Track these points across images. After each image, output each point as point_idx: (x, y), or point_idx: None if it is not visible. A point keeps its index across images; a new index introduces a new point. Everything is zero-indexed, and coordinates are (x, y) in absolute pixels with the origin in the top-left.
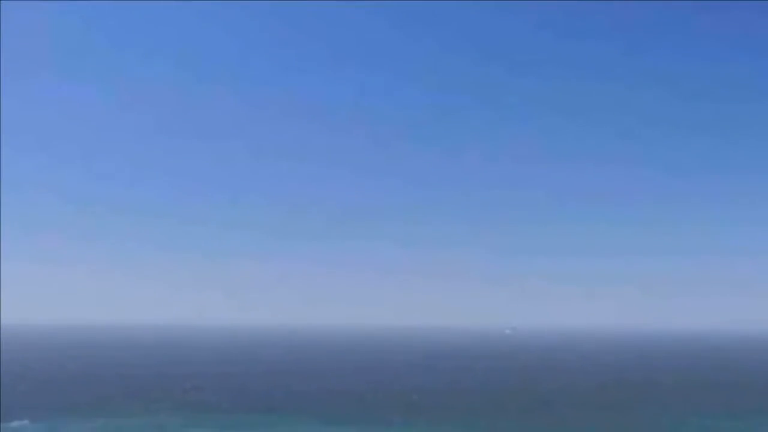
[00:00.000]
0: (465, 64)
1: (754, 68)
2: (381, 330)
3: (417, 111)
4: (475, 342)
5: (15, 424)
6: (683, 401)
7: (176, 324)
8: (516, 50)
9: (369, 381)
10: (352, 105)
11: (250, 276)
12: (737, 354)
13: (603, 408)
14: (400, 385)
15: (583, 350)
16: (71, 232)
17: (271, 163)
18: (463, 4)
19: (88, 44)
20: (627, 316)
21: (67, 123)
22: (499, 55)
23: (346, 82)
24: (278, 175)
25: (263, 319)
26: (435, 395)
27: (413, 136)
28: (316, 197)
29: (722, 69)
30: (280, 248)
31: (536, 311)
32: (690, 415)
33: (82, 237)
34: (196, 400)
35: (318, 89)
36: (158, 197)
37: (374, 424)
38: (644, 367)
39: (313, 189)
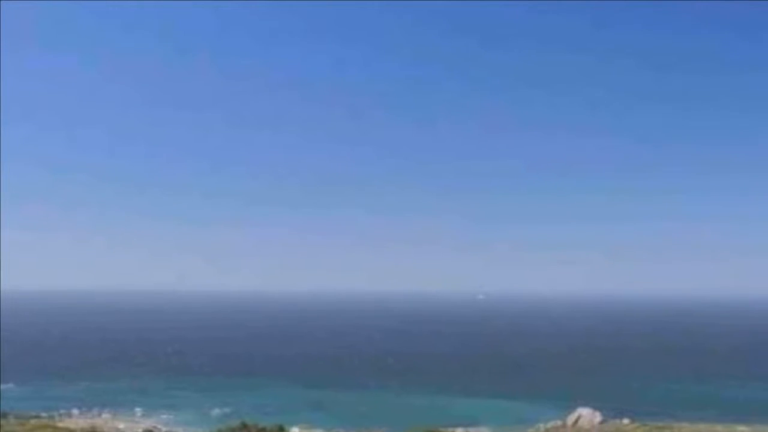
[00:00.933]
0: (437, 38)
1: (719, 41)
2: (356, 295)
3: (391, 82)
4: (447, 307)
5: (1, 387)
6: (650, 365)
7: (158, 290)
8: (487, 23)
9: (345, 345)
10: (329, 76)
11: (230, 242)
12: (703, 319)
13: (572, 372)
14: (375, 349)
15: (553, 316)
16: (55, 200)
17: (249, 133)
18: None
19: (71, 17)
20: (595, 281)
21: (50, 94)
22: (470, 29)
23: (323, 55)
24: (256, 145)
25: (243, 284)
26: (409, 359)
27: (387, 107)
28: (294, 166)
29: (688, 41)
30: (259, 215)
31: (507, 277)
32: (657, 379)
33: (65, 205)
34: (178, 363)
35: (295, 61)
36: (140, 166)
37: (350, 387)
38: (612, 332)
39: (291, 158)
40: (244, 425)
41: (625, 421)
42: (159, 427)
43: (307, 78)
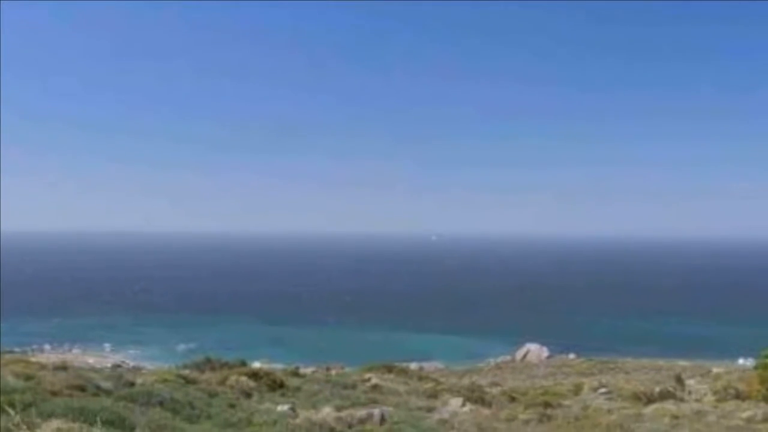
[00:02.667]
0: None
1: None
2: (316, 236)
3: (348, 33)
4: (402, 248)
5: None
6: (595, 303)
7: (126, 231)
8: None
9: (305, 284)
10: (289, 27)
11: (195, 186)
12: (646, 259)
13: (521, 309)
14: (334, 287)
15: (503, 255)
16: (29, 145)
17: (214, 82)
18: None
19: None
20: (544, 223)
21: (24, 45)
22: None
23: (283, 7)
24: (221, 93)
25: (207, 226)
26: (366, 297)
27: (345, 57)
28: (256, 113)
29: None
30: (223, 160)
31: (460, 219)
32: (602, 315)
33: (38, 150)
34: (145, 301)
35: (257, 13)
36: (109, 113)
37: (309, 323)
38: (559, 271)
39: (253, 105)
40: (208, 360)
41: (571, 356)
42: (127, 361)
43: (269, 29)
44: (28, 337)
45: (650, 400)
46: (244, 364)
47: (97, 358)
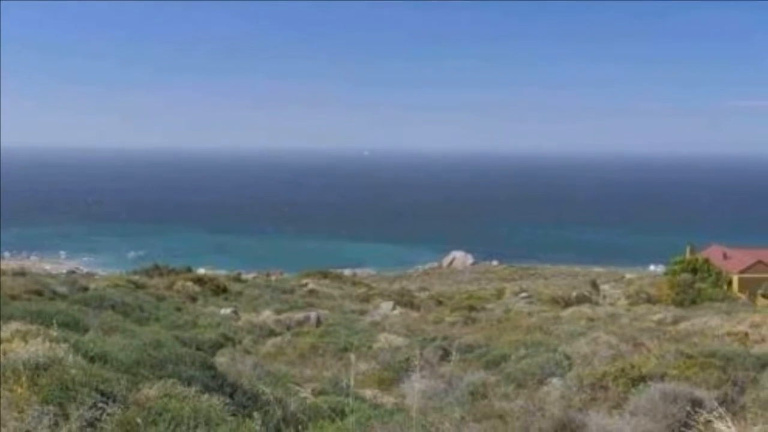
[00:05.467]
0: None
1: None
2: (256, 152)
3: None
4: (337, 162)
5: None
6: (516, 213)
7: (79, 147)
8: None
9: (246, 196)
10: None
11: (144, 104)
12: (562, 173)
13: (448, 219)
14: (273, 199)
15: (431, 170)
16: None
17: (162, 6)
18: None
19: None
20: (468, 139)
21: None
22: None
23: None
24: (168, 17)
25: (155, 142)
26: (303, 208)
27: None
28: (201, 36)
29: None
30: (170, 80)
31: (390, 135)
32: (522, 225)
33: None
34: (98, 212)
35: None
36: (65, 36)
37: (250, 232)
38: (483, 185)
39: (198, 29)
40: (156, 266)
41: (494, 262)
42: (81, 268)
43: None
44: None
45: (567, 303)
46: (189, 270)
47: (54, 265)
